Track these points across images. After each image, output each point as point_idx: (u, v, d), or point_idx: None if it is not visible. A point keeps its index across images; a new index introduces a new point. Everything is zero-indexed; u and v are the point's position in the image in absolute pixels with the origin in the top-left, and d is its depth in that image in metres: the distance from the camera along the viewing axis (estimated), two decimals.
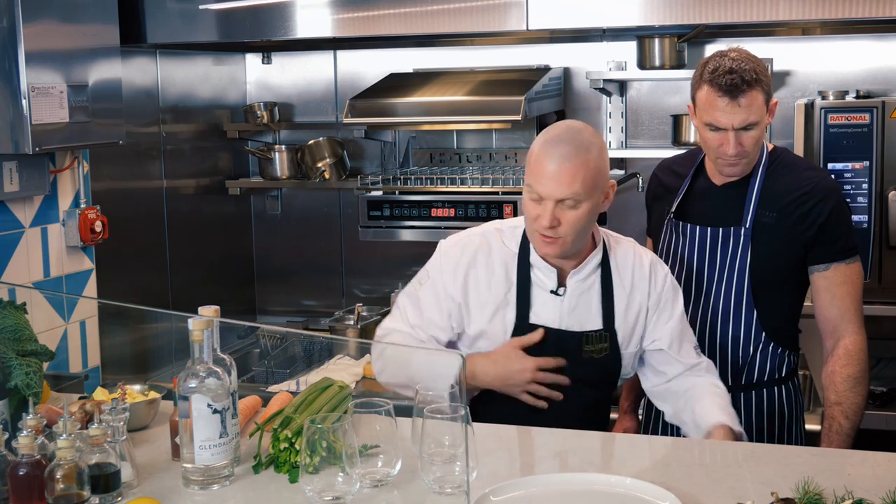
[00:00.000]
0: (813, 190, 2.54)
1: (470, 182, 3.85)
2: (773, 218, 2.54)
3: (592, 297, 2.43)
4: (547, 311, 2.42)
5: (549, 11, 3.40)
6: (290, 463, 2.09)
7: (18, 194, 3.28)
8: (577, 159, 2.28)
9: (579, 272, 2.42)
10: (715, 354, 2.62)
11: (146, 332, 4.01)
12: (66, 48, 3.19)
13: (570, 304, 2.42)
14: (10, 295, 3.04)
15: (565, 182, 2.27)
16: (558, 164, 2.27)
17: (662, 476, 2.08)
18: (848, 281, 2.57)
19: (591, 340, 2.43)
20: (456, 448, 1.96)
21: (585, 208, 2.30)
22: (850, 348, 2.56)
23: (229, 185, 4.44)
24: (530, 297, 2.43)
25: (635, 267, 2.46)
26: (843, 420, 2.55)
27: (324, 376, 2.43)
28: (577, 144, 2.30)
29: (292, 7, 3.65)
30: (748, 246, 2.55)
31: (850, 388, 2.55)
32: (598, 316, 2.43)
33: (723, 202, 2.61)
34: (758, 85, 2.45)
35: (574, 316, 2.43)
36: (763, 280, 2.56)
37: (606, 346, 2.43)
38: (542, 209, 2.30)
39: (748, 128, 2.47)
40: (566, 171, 2.27)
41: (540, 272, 2.43)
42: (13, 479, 1.86)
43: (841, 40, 3.77)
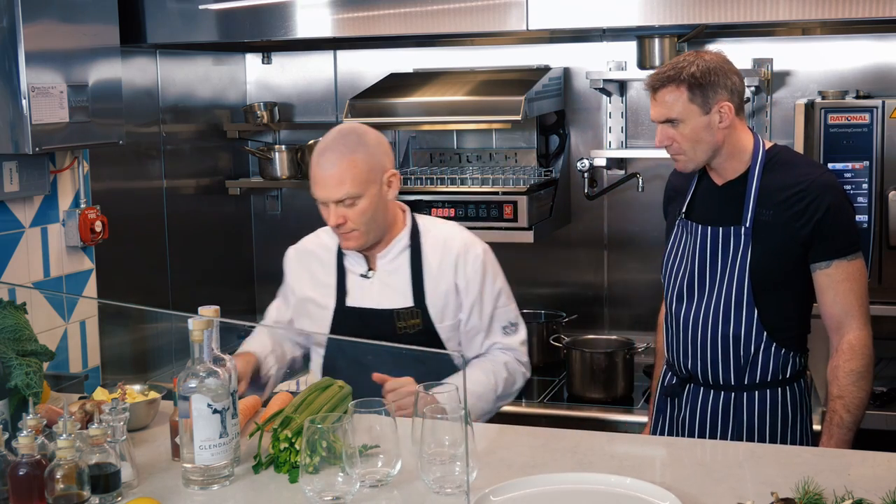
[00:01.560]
0: (809, 187, 2.53)
1: (470, 182, 3.85)
2: (770, 216, 2.54)
3: (402, 277, 2.66)
4: (361, 293, 2.67)
5: (549, 11, 3.39)
6: (290, 463, 2.09)
7: (18, 194, 3.28)
8: (343, 162, 2.52)
9: (385, 256, 2.66)
10: (717, 354, 2.62)
11: (146, 332, 4.02)
12: (66, 48, 3.19)
13: (380, 285, 2.66)
14: (10, 295, 3.05)
15: (335, 185, 2.52)
16: (327, 170, 2.54)
17: (662, 476, 2.08)
18: (850, 278, 2.56)
19: (403, 317, 2.63)
20: (456, 448, 1.97)
21: (365, 203, 2.54)
22: (853, 343, 2.56)
23: (229, 185, 4.44)
24: (346, 283, 2.69)
25: (444, 248, 2.67)
26: (844, 413, 2.54)
27: (324, 376, 2.43)
28: (343, 148, 2.54)
29: (292, 7, 3.65)
30: (748, 245, 2.55)
31: (853, 383, 2.55)
32: (409, 294, 2.65)
33: (724, 201, 2.62)
34: (678, 83, 2.51)
35: (385, 295, 2.65)
36: (763, 279, 2.56)
37: (419, 321, 2.64)
38: (327, 211, 2.57)
39: (673, 123, 2.54)
40: (335, 175, 2.52)
41: (351, 259, 2.70)
42: (13, 479, 1.86)
43: (841, 40, 3.77)
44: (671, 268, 2.72)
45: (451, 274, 2.65)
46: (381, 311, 2.64)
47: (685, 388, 2.69)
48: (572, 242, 4.18)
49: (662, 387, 2.78)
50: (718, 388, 2.64)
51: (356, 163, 2.53)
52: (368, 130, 2.62)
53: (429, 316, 2.64)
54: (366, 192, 2.54)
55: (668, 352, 2.76)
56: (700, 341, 2.63)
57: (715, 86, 2.51)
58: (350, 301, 2.68)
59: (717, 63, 2.54)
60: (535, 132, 4.06)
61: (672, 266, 2.71)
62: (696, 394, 2.67)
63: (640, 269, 4.09)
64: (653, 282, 4.00)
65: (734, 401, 2.62)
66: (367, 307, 2.66)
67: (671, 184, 2.85)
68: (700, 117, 2.52)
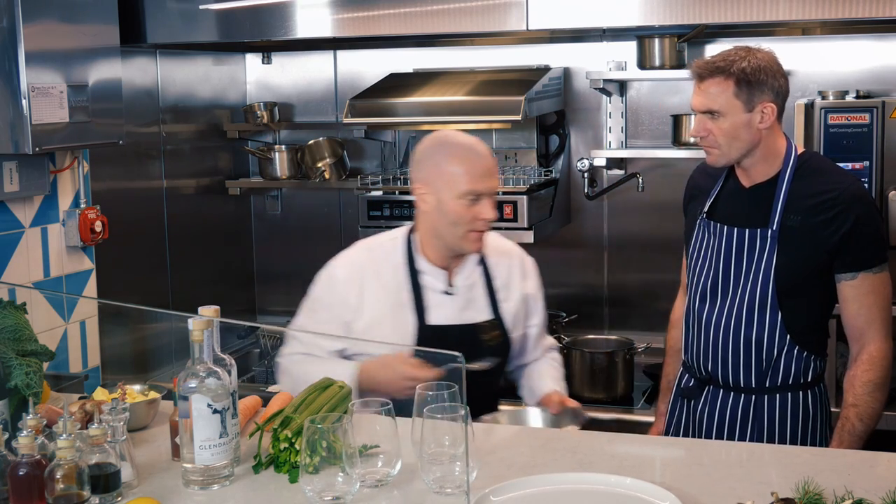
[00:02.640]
0: (839, 196, 2.50)
1: None
2: (797, 221, 2.52)
3: (478, 291, 2.66)
4: (443, 310, 2.62)
5: (549, 11, 3.39)
6: (290, 463, 2.09)
7: (18, 194, 3.28)
8: (490, 155, 2.57)
9: (462, 270, 2.64)
10: (739, 355, 2.60)
11: (146, 332, 4.02)
12: (66, 48, 3.19)
13: (461, 301, 2.64)
14: (10, 295, 3.05)
15: (493, 175, 2.55)
16: (486, 161, 2.54)
17: (662, 476, 2.08)
18: (875, 291, 2.54)
19: (486, 330, 2.63)
20: (456, 448, 1.97)
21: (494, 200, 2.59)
22: (874, 355, 2.55)
23: (229, 185, 4.44)
24: (423, 300, 2.61)
25: (507, 259, 2.70)
26: (856, 422, 2.53)
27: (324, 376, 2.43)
28: (481, 144, 2.57)
29: (292, 7, 3.65)
30: (774, 248, 2.53)
31: (868, 393, 2.53)
32: (487, 307, 2.65)
33: (751, 203, 2.59)
34: (727, 75, 2.48)
35: (466, 310, 2.64)
36: (788, 283, 2.54)
37: (499, 333, 2.65)
38: (481, 206, 2.52)
39: (712, 115, 2.51)
40: (491, 166, 2.55)
41: (430, 276, 2.62)
42: (13, 479, 1.86)
43: (841, 40, 3.77)
44: (694, 268, 2.69)
45: (520, 284, 2.70)
46: (465, 327, 2.62)
47: (704, 389, 2.67)
48: (572, 242, 4.18)
49: (679, 388, 2.76)
50: (739, 391, 2.62)
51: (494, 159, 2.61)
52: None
53: (505, 328, 2.67)
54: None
55: (687, 353, 2.73)
56: (722, 343, 2.61)
57: (762, 85, 2.49)
58: (431, 319, 2.61)
59: (767, 63, 2.52)
60: (535, 132, 4.07)
61: (695, 266, 2.68)
62: (716, 396, 2.65)
63: (640, 269, 4.09)
64: (653, 281, 4.02)
65: (754, 403, 2.61)
66: (451, 324, 2.61)
67: (694, 181, 2.80)
68: (742, 114, 2.49)
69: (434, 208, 2.56)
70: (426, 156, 2.58)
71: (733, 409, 2.63)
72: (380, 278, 2.62)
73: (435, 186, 2.54)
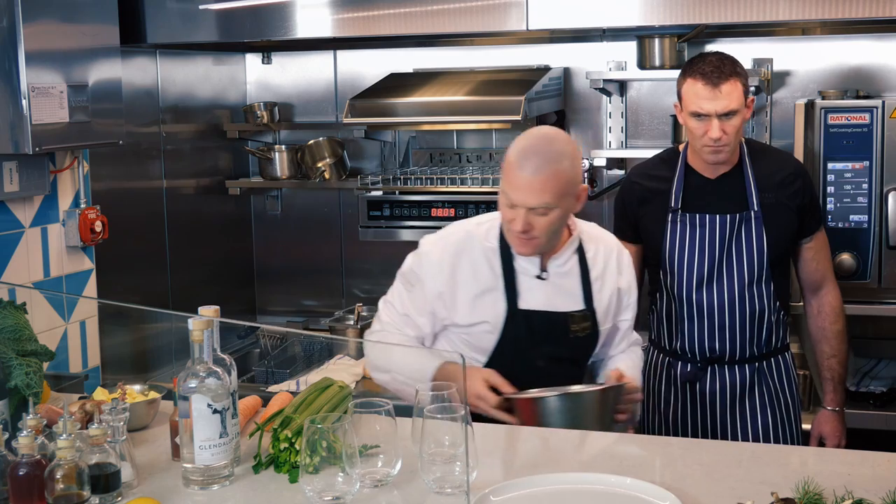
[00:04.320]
0: (796, 170, 2.88)
1: (470, 182, 3.85)
2: (772, 198, 2.80)
3: (572, 280, 2.59)
4: (534, 296, 2.55)
5: (549, 11, 3.39)
6: (290, 463, 2.09)
7: (18, 194, 3.28)
8: (548, 170, 2.39)
9: (558, 258, 2.57)
10: (744, 329, 2.83)
11: (146, 332, 4.01)
12: (66, 48, 3.19)
13: (553, 288, 2.57)
14: (10, 295, 3.05)
15: (536, 192, 2.39)
16: (530, 174, 2.39)
17: (662, 476, 2.08)
18: (825, 245, 2.94)
19: (576, 320, 2.58)
20: (456, 448, 1.97)
21: (556, 214, 2.43)
22: (834, 304, 2.94)
23: (229, 185, 4.44)
24: (516, 285, 2.55)
25: (604, 251, 2.65)
26: (840, 369, 2.94)
27: (324, 376, 2.43)
28: (550, 156, 2.41)
29: (292, 7, 3.65)
30: (761, 226, 2.79)
31: (842, 341, 2.94)
32: (580, 297, 2.59)
33: (722, 192, 2.82)
34: (737, 76, 2.71)
35: (558, 298, 2.57)
36: (777, 255, 2.82)
37: (589, 324, 2.59)
38: (515, 214, 2.43)
39: (729, 115, 2.70)
40: (538, 181, 2.38)
41: (523, 260, 2.55)
42: (13, 479, 1.86)
43: (841, 40, 3.77)
44: (681, 260, 2.85)
45: (615, 276, 2.64)
46: (555, 314, 2.56)
47: (706, 371, 2.87)
48: None
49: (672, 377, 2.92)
50: (743, 362, 2.86)
51: (560, 174, 2.41)
52: (570, 139, 2.53)
53: (596, 319, 2.61)
54: (560, 204, 2.43)
55: (679, 341, 2.90)
56: (728, 322, 2.83)
57: (748, 81, 2.77)
58: (522, 303, 2.55)
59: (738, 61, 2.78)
60: None
61: (682, 258, 2.85)
62: (722, 373, 2.87)
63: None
64: None
65: (757, 372, 2.87)
66: (540, 310, 2.56)
67: (640, 186, 2.94)
68: (745, 110, 2.75)
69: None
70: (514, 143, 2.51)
71: (741, 380, 2.87)
72: (473, 260, 2.57)
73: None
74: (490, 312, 2.55)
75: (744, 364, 2.87)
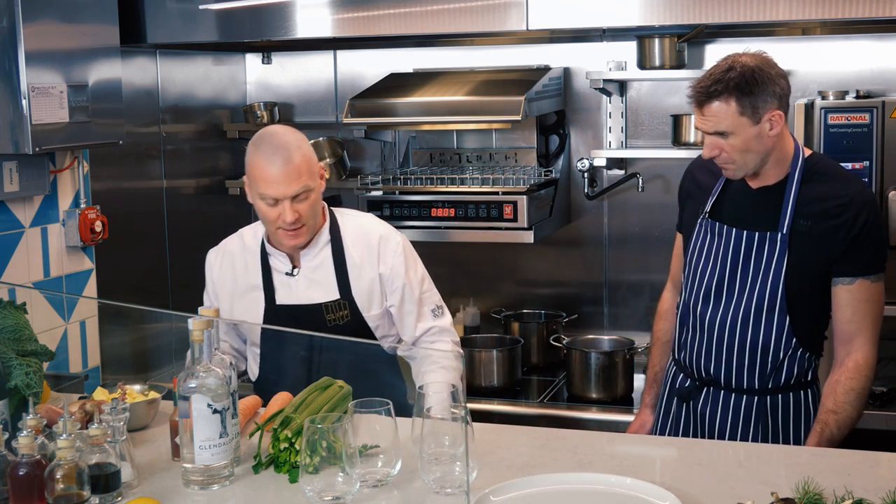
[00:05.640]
0: (850, 202, 2.48)
1: (470, 182, 3.85)
2: (807, 226, 2.50)
3: (326, 271, 2.71)
4: (288, 292, 2.72)
5: (549, 11, 3.39)
6: (290, 463, 2.09)
7: (18, 194, 3.28)
8: (295, 157, 2.57)
9: (308, 252, 2.71)
10: (743, 358, 2.57)
11: (146, 332, 4.01)
12: (66, 48, 3.19)
13: (305, 281, 2.71)
14: (10, 295, 3.05)
15: (294, 180, 2.56)
16: (282, 166, 2.55)
17: (662, 476, 2.08)
18: (870, 299, 2.52)
19: (331, 309, 2.69)
20: (456, 448, 1.97)
21: (314, 195, 2.62)
22: (860, 363, 2.52)
23: (229, 185, 4.44)
24: (273, 283, 2.73)
25: (364, 241, 2.73)
26: (835, 430, 2.50)
27: (324, 376, 2.43)
28: (288, 146, 2.58)
29: (292, 7, 3.65)
30: (784, 252, 2.51)
31: (850, 402, 2.51)
32: (335, 287, 2.70)
33: (758, 205, 2.56)
34: (726, 95, 2.42)
35: (312, 290, 2.71)
36: (798, 287, 2.52)
37: (347, 312, 2.70)
38: (280, 209, 2.57)
39: (723, 135, 2.45)
40: (292, 170, 2.56)
41: (276, 259, 2.74)
42: (13, 479, 1.86)
43: (841, 40, 3.77)
44: (696, 268, 2.65)
45: (375, 264, 2.72)
46: (310, 307, 2.70)
47: (702, 391, 2.65)
48: (572, 242, 4.18)
49: (673, 388, 2.73)
50: (741, 392, 2.59)
51: (303, 157, 2.59)
52: (289, 128, 2.68)
53: (356, 307, 2.71)
54: (314, 185, 2.62)
55: (683, 352, 2.70)
56: (727, 345, 2.58)
57: (764, 94, 2.43)
58: (279, 299, 2.73)
59: (763, 68, 2.45)
60: (535, 132, 4.06)
61: (697, 266, 2.64)
62: (716, 397, 2.63)
63: (641, 269, 4.09)
64: (653, 282, 4.01)
65: (757, 404, 2.59)
66: (295, 304, 2.71)
67: (693, 176, 2.76)
68: (750, 128, 2.44)
69: (252, 203, 2.67)
70: (247, 152, 2.66)
71: (735, 409, 2.60)
72: (241, 261, 2.78)
73: (248, 183, 2.66)
74: (252, 309, 2.74)
75: (741, 394, 2.59)
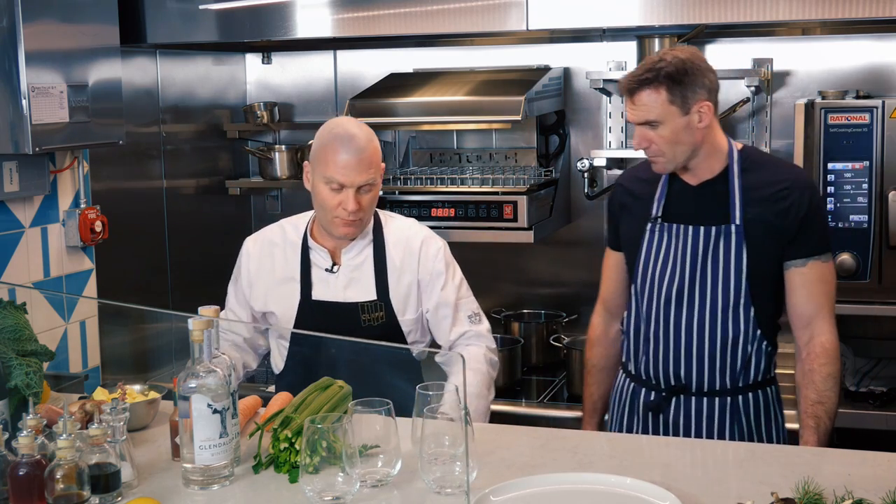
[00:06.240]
0: (793, 185, 2.53)
1: (470, 182, 3.85)
2: (756, 213, 2.52)
3: (365, 271, 2.72)
4: (326, 288, 2.73)
5: (549, 11, 3.39)
6: (290, 463, 2.09)
7: (18, 194, 3.28)
8: (368, 147, 2.62)
9: (350, 250, 2.72)
10: (714, 357, 2.56)
11: (146, 332, 4.01)
12: (66, 48, 3.19)
13: (344, 279, 2.72)
14: (10, 295, 3.05)
15: (363, 169, 2.60)
16: (354, 155, 2.59)
17: (662, 476, 2.08)
18: (823, 279, 2.55)
19: (367, 310, 2.70)
20: (456, 448, 1.97)
21: (376, 188, 2.67)
22: (826, 346, 2.53)
23: (229, 185, 4.44)
24: (311, 278, 2.73)
25: (405, 245, 2.74)
26: (827, 420, 2.50)
27: (324, 376, 2.43)
28: (361, 136, 2.62)
29: (292, 7, 3.65)
30: (742, 242, 2.51)
31: (831, 388, 2.52)
32: (373, 288, 2.71)
33: (703, 201, 2.57)
34: (656, 84, 2.46)
35: (350, 289, 2.72)
36: (758, 277, 2.53)
37: (382, 314, 2.71)
38: (343, 196, 2.60)
39: (652, 125, 2.49)
40: (364, 160, 2.60)
41: (316, 254, 2.74)
42: (13, 479, 1.86)
43: (841, 40, 3.76)
44: (653, 274, 2.61)
45: (415, 268, 2.72)
46: (346, 305, 2.70)
47: (671, 400, 2.60)
48: (572, 242, 4.18)
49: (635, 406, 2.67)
50: (713, 395, 2.57)
51: (374, 150, 2.64)
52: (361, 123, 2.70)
53: (392, 309, 2.71)
54: (378, 178, 2.65)
55: (646, 365, 2.64)
56: (697, 347, 2.56)
57: (693, 85, 2.47)
58: (315, 295, 2.73)
59: (693, 61, 2.49)
60: (535, 132, 4.06)
61: (655, 272, 2.61)
62: (688, 404, 2.59)
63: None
64: None
65: (730, 406, 2.57)
66: (332, 301, 2.71)
67: (625, 189, 2.75)
68: (679, 118, 2.48)
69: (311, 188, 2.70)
70: (317, 137, 2.69)
71: (709, 414, 2.58)
72: (281, 252, 2.78)
73: (312, 168, 2.68)
74: (285, 302, 2.74)
75: (713, 397, 2.56)
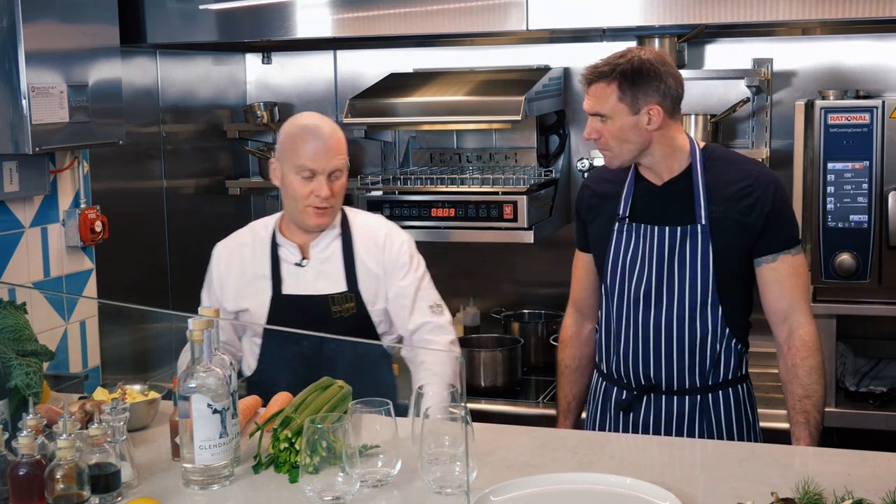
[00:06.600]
0: (756, 181, 2.52)
1: (470, 182, 3.84)
2: (721, 211, 2.51)
3: (334, 263, 2.76)
4: (296, 282, 2.77)
5: (549, 11, 3.39)
6: (290, 463, 2.09)
7: (18, 194, 3.28)
8: (337, 134, 2.71)
9: (318, 244, 2.77)
10: (683, 356, 2.55)
11: (146, 332, 4.01)
12: (66, 48, 3.19)
13: (314, 272, 2.76)
14: (10, 295, 3.05)
15: (333, 155, 2.68)
16: (324, 142, 2.67)
17: (662, 476, 2.08)
18: (796, 272, 2.55)
19: (338, 301, 2.73)
20: (456, 448, 1.97)
21: (345, 176, 2.74)
22: (806, 339, 2.53)
23: (229, 185, 4.44)
24: (281, 272, 2.78)
25: (371, 236, 2.79)
26: (816, 414, 2.50)
27: (324, 376, 2.43)
28: (327, 125, 2.71)
29: (292, 7, 3.65)
30: (708, 242, 2.51)
31: (816, 381, 2.52)
32: (342, 280, 2.75)
33: (668, 200, 2.57)
34: (609, 79, 2.48)
35: (320, 281, 2.75)
36: (726, 275, 2.52)
37: (353, 304, 2.74)
38: (315, 184, 2.67)
39: (602, 118, 2.50)
40: (332, 146, 2.68)
41: (285, 250, 2.79)
42: (13, 479, 1.86)
43: (841, 40, 3.77)
44: (622, 274, 2.61)
45: (380, 258, 2.77)
46: (316, 297, 2.73)
47: (642, 400, 2.60)
48: (572, 242, 4.15)
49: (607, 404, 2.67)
50: (683, 393, 2.57)
51: (341, 139, 2.72)
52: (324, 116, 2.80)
53: (362, 300, 2.75)
54: (346, 167, 2.74)
55: (615, 364, 2.64)
56: (665, 346, 2.56)
57: (646, 87, 2.47)
58: (286, 289, 2.76)
59: (653, 64, 2.48)
60: (535, 132, 4.06)
61: (624, 272, 2.60)
62: (658, 403, 2.59)
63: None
64: None
65: (700, 404, 2.57)
66: (302, 294, 2.75)
67: (591, 190, 2.74)
68: (628, 116, 2.48)
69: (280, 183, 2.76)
70: (282, 132, 2.77)
71: (679, 412, 2.58)
72: (250, 251, 2.82)
73: (281, 162, 2.74)
74: (258, 298, 2.77)
75: (683, 396, 2.56)
